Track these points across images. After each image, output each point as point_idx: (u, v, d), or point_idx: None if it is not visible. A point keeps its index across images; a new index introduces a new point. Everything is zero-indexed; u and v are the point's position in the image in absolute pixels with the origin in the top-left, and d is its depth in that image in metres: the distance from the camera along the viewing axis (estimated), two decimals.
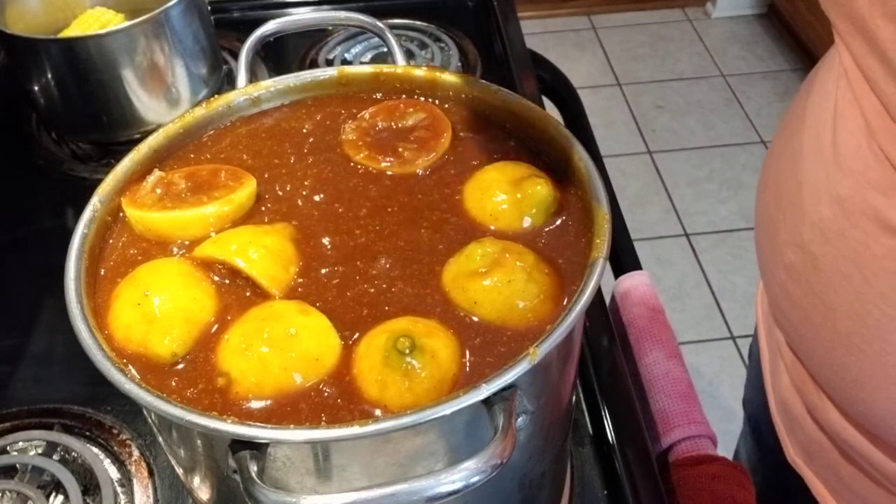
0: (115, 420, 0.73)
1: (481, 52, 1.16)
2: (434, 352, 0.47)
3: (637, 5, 3.18)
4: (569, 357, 0.53)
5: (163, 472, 0.69)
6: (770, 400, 0.81)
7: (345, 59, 1.16)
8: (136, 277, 0.52)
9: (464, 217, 0.57)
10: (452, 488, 0.40)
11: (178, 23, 0.97)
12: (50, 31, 1.03)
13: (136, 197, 0.57)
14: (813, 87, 0.63)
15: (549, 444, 0.56)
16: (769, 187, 0.66)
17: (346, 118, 0.65)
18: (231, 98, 0.64)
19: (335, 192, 0.60)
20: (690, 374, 0.80)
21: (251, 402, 0.47)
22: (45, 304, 0.84)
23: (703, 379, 1.89)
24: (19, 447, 0.71)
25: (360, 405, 0.46)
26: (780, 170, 0.63)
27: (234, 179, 0.58)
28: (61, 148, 1.04)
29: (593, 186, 0.54)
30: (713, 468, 0.72)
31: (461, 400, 0.42)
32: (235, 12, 1.25)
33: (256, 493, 0.40)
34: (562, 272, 0.52)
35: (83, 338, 0.47)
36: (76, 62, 0.93)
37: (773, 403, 0.81)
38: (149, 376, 0.48)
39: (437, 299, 0.52)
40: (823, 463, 0.73)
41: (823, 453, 0.72)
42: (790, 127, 0.64)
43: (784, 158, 0.63)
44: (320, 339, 0.49)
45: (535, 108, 0.61)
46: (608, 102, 2.77)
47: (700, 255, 2.25)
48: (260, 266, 0.52)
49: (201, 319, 0.51)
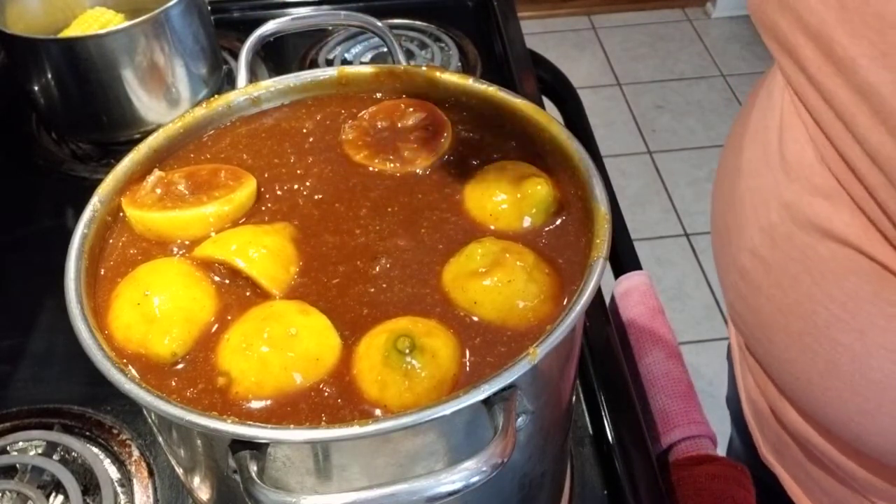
0: (115, 420, 0.73)
1: (481, 52, 1.16)
2: (434, 352, 0.47)
3: (637, 5, 3.18)
4: (569, 357, 0.53)
5: (163, 472, 0.69)
6: (742, 399, 0.81)
7: (345, 59, 1.16)
8: (136, 277, 0.52)
9: (464, 217, 0.57)
10: (452, 488, 0.40)
11: (178, 23, 0.97)
12: (50, 31, 1.03)
13: (136, 197, 0.57)
14: (760, 97, 0.63)
15: (549, 444, 0.56)
16: (723, 195, 0.66)
17: (346, 118, 0.65)
18: (231, 98, 0.64)
19: (335, 191, 0.60)
20: (690, 374, 0.80)
21: (251, 402, 0.47)
22: (45, 304, 0.84)
23: (703, 379, 1.89)
24: (19, 447, 0.71)
25: (360, 405, 0.46)
26: (732, 177, 0.64)
27: (234, 179, 0.58)
28: (61, 148, 1.04)
29: (593, 186, 0.54)
30: (713, 468, 0.72)
31: (461, 400, 0.42)
32: (235, 12, 1.25)
33: (256, 493, 0.40)
34: (562, 272, 0.52)
35: (83, 338, 0.47)
36: (76, 62, 0.93)
37: (744, 402, 0.81)
38: (149, 376, 0.48)
39: (437, 299, 0.52)
40: (792, 461, 0.74)
41: (791, 452, 0.73)
42: (740, 135, 0.65)
43: (735, 166, 0.64)
44: (320, 339, 0.49)
45: (535, 108, 0.61)
46: (608, 102, 2.77)
47: (700, 255, 2.25)
48: (260, 266, 0.52)
49: (201, 319, 0.51)
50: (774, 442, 0.76)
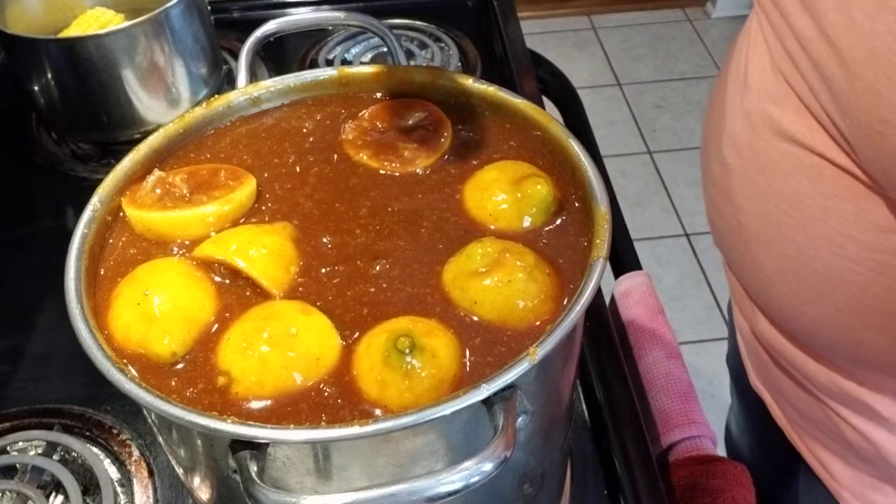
0: (115, 420, 0.73)
1: (481, 52, 1.16)
2: (434, 351, 0.47)
3: (637, 5, 3.18)
4: (569, 357, 0.53)
5: (163, 472, 0.69)
6: (737, 335, 0.85)
7: (345, 59, 1.16)
8: (135, 277, 0.52)
9: (464, 217, 0.57)
10: (452, 488, 0.40)
11: (178, 23, 0.97)
12: (50, 31, 1.03)
13: (136, 197, 0.57)
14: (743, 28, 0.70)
15: (548, 444, 0.56)
16: (708, 118, 0.72)
17: (347, 118, 0.65)
18: (231, 98, 0.64)
19: (335, 191, 0.60)
20: (690, 374, 0.80)
21: (251, 401, 0.47)
22: (45, 304, 0.84)
23: (703, 379, 1.89)
24: (19, 447, 0.71)
25: (360, 405, 0.46)
26: (713, 101, 0.71)
27: (234, 179, 0.58)
28: (61, 148, 1.04)
29: (593, 186, 0.54)
30: (713, 468, 0.72)
31: (461, 400, 0.42)
32: (235, 12, 1.25)
33: (256, 493, 0.40)
34: (562, 272, 0.52)
35: (83, 338, 0.47)
36: (76, 62, 0.93)
37: (738, 334, 0.85)
38: (149, 376, 0.48)
39: (437, 299, 0.52)
40: (769, 381, 0.78)
41: (769, 371, 0.76)
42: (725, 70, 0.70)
43: (717, 91, 0.70)
44: (321, 339, 0.49)
45: (535, 108, 0.61)
46: (608, 102, 2.77)
47: (700, 255, 2.25)
48: (260, 266, 0.52)
49: (201, 319, 0.51)
50: (756, 365, 0.80)
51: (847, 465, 0.72)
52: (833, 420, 0.69)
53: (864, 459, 0.69)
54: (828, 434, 0.71)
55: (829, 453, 0.73)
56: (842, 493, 0.73)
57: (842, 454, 0.71)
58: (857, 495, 0.72)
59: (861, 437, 0.67)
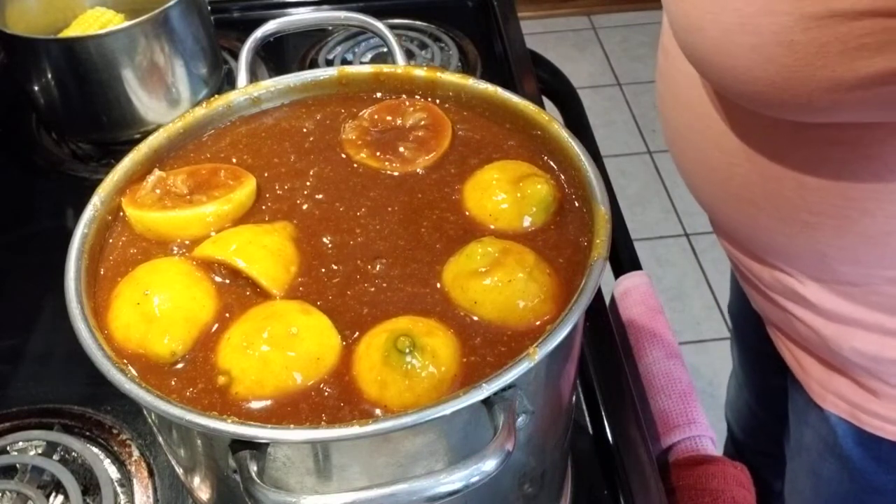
0: (115, 420, 0.73)
1: (481, 52, 1.16)
2: (434, 351, 0.47)
3: (637, 5, 3.17)
4: (569, 357, 0.53)
5: (163, 472, 0.69)
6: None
7: (345, 59, 1.16)
8: (135, 277, 0.52)
9: (464, 216, 0.57)
10: (452, 488, 0.40)
11: (178, 23, 0.97)
12: (50, 31, 1.03)
13: (136, 197, 0.57)
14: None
15: (549, 444, 0.56)
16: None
17: (347, 118, 0.65)
18: (231, 98, 0.64)
19: (335, 191, 0.60)
20: (690, 374, 0.80)
21: (251, 401, 0.47)
22: (45, 304, 0.84)
23: (703, 379, 1.89)
24: (19, 447, 0.71)
25: (360, 405, 0.46)
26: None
27: (234, 178, 0.58)
28: (61, 148, 1.04)
29: (593, 186, 0.54)
30: (713, 468, 0.72)
31: (461, 400, 0.42)
32: (235, 12, 1.25)
33: (256, 493, 0.40)
34: (562, 272, 0.52)
35: (83, 338, 0.47)
36: (76, 62, 0.93)
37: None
38: (149, 376, 0.48)
39: (437, 299, 0.52)
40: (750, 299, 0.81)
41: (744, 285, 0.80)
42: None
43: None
44: (321, 339, 0.49)
45: (535, 108, 0.61)
46: (608, 102, 2.77)
47: (700, 255, 2.25)
48: (260, 266, 0.52)
49: (201, 319, 0.51)
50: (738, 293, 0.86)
51: (814, 359, 0.74)
52: (788, 317, 0.72)
53: (816, 348, 0.72)
54: (793, 333, 0.74)
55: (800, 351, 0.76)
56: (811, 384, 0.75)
57: (805, 348, 0.74)
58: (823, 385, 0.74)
59: (807, 327, 0.70)
